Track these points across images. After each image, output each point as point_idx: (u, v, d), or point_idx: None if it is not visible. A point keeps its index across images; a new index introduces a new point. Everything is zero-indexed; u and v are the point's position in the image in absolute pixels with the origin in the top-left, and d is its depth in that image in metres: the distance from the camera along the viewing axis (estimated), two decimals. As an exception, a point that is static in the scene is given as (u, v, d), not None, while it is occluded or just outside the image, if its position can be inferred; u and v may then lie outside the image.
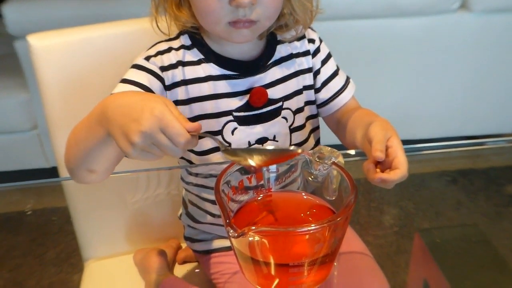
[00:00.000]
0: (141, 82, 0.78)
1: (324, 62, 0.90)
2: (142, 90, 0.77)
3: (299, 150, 0.62)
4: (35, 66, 0.94)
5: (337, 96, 0.91)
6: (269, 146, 0.77)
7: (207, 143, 0.83)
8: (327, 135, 0.98)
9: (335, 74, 0.91)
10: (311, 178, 0.64)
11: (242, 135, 0.83)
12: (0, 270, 1.37)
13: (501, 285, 0.75)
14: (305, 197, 0.66)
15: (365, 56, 1.94)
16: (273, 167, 0.65)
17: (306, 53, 0.88)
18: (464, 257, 0.79)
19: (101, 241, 1.07)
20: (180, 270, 0.99)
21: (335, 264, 0.62)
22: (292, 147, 0.77)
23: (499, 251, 0.80)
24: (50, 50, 0.94)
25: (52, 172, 1.34)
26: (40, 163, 2.00)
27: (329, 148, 0.61)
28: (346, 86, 0.93)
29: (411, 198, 1.64)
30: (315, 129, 0.93)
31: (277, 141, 0.85)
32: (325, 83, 0.90)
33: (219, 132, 0.82)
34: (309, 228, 0.51)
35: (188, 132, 0.59)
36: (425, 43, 1.94)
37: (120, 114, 0.61)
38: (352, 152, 0.94)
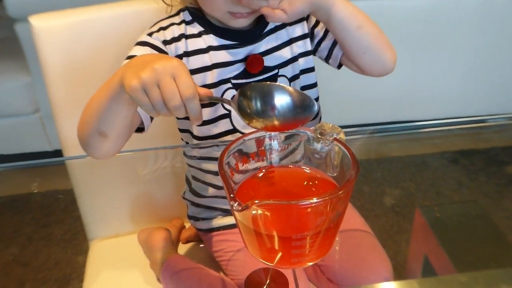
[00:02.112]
0: None
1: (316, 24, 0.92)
2: None
3: (314, 111, 0.62)
4: (38, 48, 0.94)
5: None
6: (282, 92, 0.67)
7: (212, 112, 0.86)
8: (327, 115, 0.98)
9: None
10: (314, 154, 0.64)
11: None
12: (7, 251, 1.39)
13: (500, 259, 0.76)
14: (307, 171, 0.66)
15: (366, 37, 1.93)
16: (275, 145, 0.66)
17: (299, 20, 0.89)
18: (464, 232, 0.80)
19: (105, 221, 1.09)
20: (183, 250, 1.00)
21: (337, 239, 0.62)
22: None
23: (498, 226, 0.81)
24: (53, 31, 0.94)
25: (55, 155, 1.35)
26: (43, 146, 2.01)
27: (331, 124, 0.62)
28: None
29: (412, 178, 1.65)
30: (313, 85, 0.93)
31: None
32: (327, 31, 0.91)
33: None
34: (311, 201, 0.52)
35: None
36: (426, 24, 1.93)
37: (137, 62, 0.63)
38: (351, 130, 0.95)
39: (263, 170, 0.65)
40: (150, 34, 0.83)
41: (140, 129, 0.80)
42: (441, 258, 0.76)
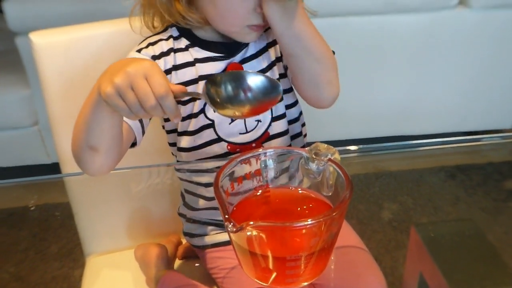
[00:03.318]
0: None
1: None
2: None
3: (281, 92, 0.66)
4: (37, 64, 0.95)
5: None
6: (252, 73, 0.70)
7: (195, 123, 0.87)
8: (317, 132, 0.99)
9: None
10: (309, 174, 0.65)
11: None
12: (4, 265, 1.39)
13: (494, 277, 0.76)
14: (302, 192, 0.67)
15: (364, 52, 1.94)
16: (270, 164, 0.66)
17: None
18: (459, 251, 0.80)
19: (102, 236, 1.09)
20: (180, 265, 1.00)
21: (331, 258, 0.63)
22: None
23: (492, 244, 0.81)
24: (52, 47, 0.95)
25: (54, 167, 1.35)
26: (41, 159, 2.01)
27: (326, 145, 0.62)
28: None
29: (410, 193, 1.65)
30: (293, 104, 0.92)
31: None
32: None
33: (202, 111, 0.86)
34: (306, 223, 0.52)
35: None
36: (424, 39, 1.95)
37: (111, 69, 0.65)
38: (351, 148, 0.95)
39: (259, 190, 0.66)
40: (139, 51, 0.85)
41: (133, 144, 0.81)
42: (436, 276, 0.77)
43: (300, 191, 0.67)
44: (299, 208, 0.65)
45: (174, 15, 0.83)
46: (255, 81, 0.66)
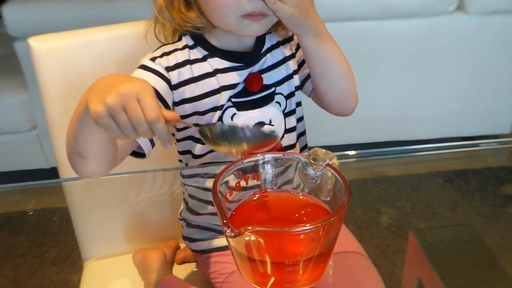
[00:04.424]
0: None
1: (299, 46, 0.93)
2: None
3: (278, 137, 0.67)
4: (36, 68, 0.95)
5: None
6: (248, 126, 0.78)
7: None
8: (315, 137, 1.00)
9: None
10: (307, 179, 0.65)
11: (241, 120, 0.86)
12: (2, 269, 1.39)
13: (491, 283, 0.76)
14: (300, 197, 0.67)
15: (362, 57, 1.95)
16: (269, 169, 0.66)
17: (289, 39, 0.92)
18: (456, 256, 0.80)
19: (100, 241, 1.08)
20: (178, 270, 1.00)
21: (330, 263, 0.63)
22: (270, 131, 0.78)
23: (490, 250, 0.82)
24: (51, 52, 0.95)
25: (52, 172, 1.35)
26: (39, 164, 2.01)
27: (324, 150, 0.62)
28: None
29: (408, 198, 1.65)
30: (301, 119, 0.95)
31: (272, 125, 0.88)
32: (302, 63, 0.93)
33: (220, 118, 0.85)
34: (304, 228, 0.52)
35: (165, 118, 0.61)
36: (422, 45, 1.96)
37: (101, 85, 0.63)
38: (349, 153, 0.96)
39: (257, 195, 0.66)
40: (153, 59, 0.83)
41: (141, 155, 0.80)
42: (434, 281, 0.77)
43: (298, 196, 0.67)
44: (297, 214, 0.65)
45: (175, 18, 0.83)
46: (252, 133, 0.66)
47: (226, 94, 0.85)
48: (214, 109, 0.85)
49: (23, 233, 1.54)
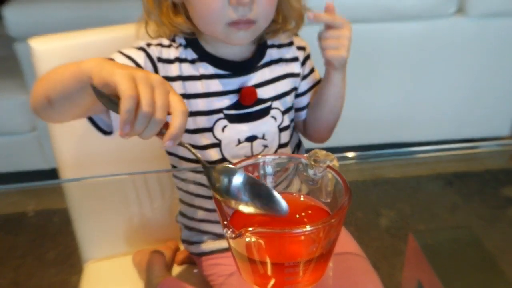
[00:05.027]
0: (137, 60, 0.80)
1: (311, 70, 0.95)
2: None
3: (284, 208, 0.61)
4: (37, 69, 0.95)
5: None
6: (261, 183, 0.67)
7: (202, 140, 0.85)
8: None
9: (318, 81, 0.96)
10: (307, 180, 0.65)
11: (232, 133, 0.85)
12: (1, 271, 1.38)
13: (491, 285, 0.77)
14: (301, 199, 0.67)
15: (362, 59, 1.95)
16: (269, 171, 0.66)
17: (294, 59, 0.92)
18: (456, 258, 0.81)
19: (100, 242, 1.08)
20: (178, 271, 1.00)
21: (330, 264, 0.63)
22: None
23: (490, 252, 0.82)
24: (52, 53, 0.95)
25: (51, 173, 1.35)
26: (39, 165, 2.01)
27: (324, 152, 0.63)
28: None
29: (408, 200, 1.65)
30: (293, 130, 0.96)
31: (266, 139, 0.88)
32: (310, 89, 0.95)
33: (210, 129, 0.85)
34: (304, 229, 0.52)
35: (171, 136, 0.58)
36: (422, 47, 1.96)
37: (121, 66, 0.60)
38: (349, 155, 0.96)
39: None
40: (148, 45, 0.83)
41: (107, 133, 0.77)
42: (434, 283, 0.77)
43: (299, 198, 0.67)
44: (297, 215, 0.65)
45: (164, 22, 0.83)
46: (266, 193, 0.62)
47: (209, 101, 0.84)
48: (202, 113, 0.84)
49: (22, 234, 1.53)
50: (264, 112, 0.87)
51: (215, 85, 0.84)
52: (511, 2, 1.88)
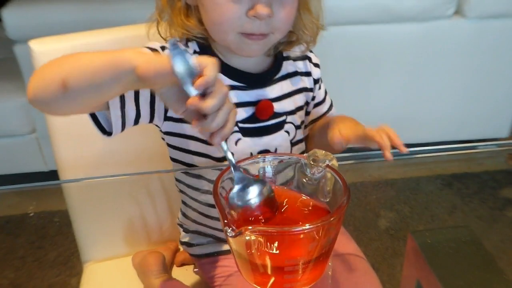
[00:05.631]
0: None
1: (319, 87, 0.94)
2: None
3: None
4: (36, 71, 0.95)
5: (317, 120, 0.95)
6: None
7: (216, 152, 0.84)
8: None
9: (323, 100, 0.95)
10: (306, 180, 0.65)
11: (245, 146, 0.83)
12: (1, 272, 1.38)
13: (490, 284, 0.77)
14: (302, 197, 0.67)
15: (361, 61, 1.96)
16: (269, 170, 0.67)
17: (308, 74, 0.90)
18: (455, 258, 0.81)
19: (100, 243, 1.08)
20: (178, 272, 1.00)
21: (329, 264, 0.63)
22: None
23: (489, 251, 0.82)
24: (52, 55, 0.93)
25: (51, 175, 1.35)
26: (38, 167, 2.01)
27: (324, 151, 0.63)
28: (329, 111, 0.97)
29: (407, 201, 1.66)
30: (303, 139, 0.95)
31: None
32: (315, 106, 0.94)
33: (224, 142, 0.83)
34: (304, 228, 0.53)
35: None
36: (420, 49, 1.97)
37: None
38: (348, 155, 0.96)
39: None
40: (163, 48, 0.79)
41: (108, 133, 0.74)
42: (433, 283, 0.77)
43: (299, 196, 0.67)
44: (298, 211, 0.65)
45: (176, 23, 0.80)
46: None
47: None
48: None
49: (22, 235, 1.53)
50: (278, 127, 0.85)
51: (230, 97, 0.81)
52: (509, 3, 1.88)
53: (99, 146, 1.00)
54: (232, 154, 0.68)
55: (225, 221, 0.53)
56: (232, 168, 0.62)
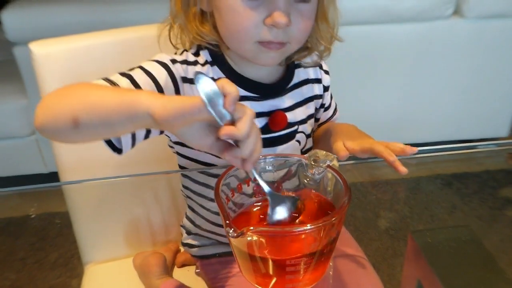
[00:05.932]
0: (157, 78, 0.74)
1: (328, 107, 0.95)
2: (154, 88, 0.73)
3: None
4: (37, 73, 0.95)
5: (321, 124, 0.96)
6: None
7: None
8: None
9: (329, 106, 0.95)
10: (307, 180, 0.66)
11: None
12: (1, 274, 1.38)
13: (490, 283, 0.77)
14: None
15: (360, 61, 1.96)
16: (270, 170, 0.67)
17: (318, 81, 0.90)
18: (456, 257, 0.81)
19: (100, 245, 1.08)
20: (178, 273, 1.01)
21: (330, 264, 0.63)
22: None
23: (489, 251, 0.82)
24: (52, 57, 0.95)
25: (50, 177, 1.35)
26: (38, 169, 2.01)
27: (324, 152, 0.63)
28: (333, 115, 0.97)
29: (407, 201, 1.66)
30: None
31: None
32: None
33: None
34: (305, 228, 0.53)
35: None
36: (420, 49, 1.97)
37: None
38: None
39: (259, 196, 0.66)
40: (173, 61, 0.77)
41: (119, 150, 0.73)
42: (433, 282, 0.77)
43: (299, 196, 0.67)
44: (299, 211, 0.65)
45: (189, 28, 0.78)
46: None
47: None
48: None
49: (22, 237, 1.53)
50: (290, 137, 0.84)
51: None
52: (508, 3, 1.89)
53: (99, 147, 1.00)
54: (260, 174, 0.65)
55: (227, 221, 0.53)
56: (264, 190, 0.61)
